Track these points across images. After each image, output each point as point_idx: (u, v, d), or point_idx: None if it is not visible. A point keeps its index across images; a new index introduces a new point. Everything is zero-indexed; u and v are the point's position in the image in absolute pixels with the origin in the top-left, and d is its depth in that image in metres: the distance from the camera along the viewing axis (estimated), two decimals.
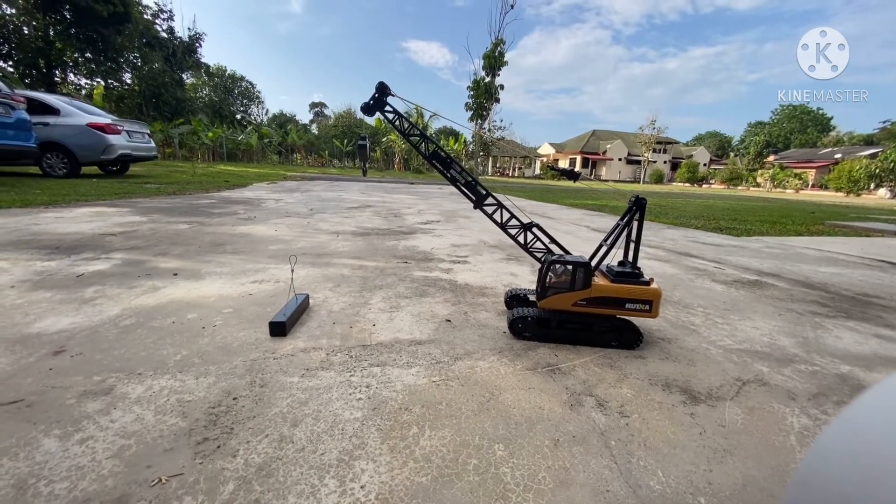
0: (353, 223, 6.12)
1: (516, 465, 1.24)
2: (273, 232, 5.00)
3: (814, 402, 1.72)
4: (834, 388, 1.84)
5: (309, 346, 1.95)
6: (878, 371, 2.03)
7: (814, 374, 1.97)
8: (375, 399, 1.54)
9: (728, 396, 1.73)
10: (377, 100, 2.34)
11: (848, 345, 2.35)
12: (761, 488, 1.21)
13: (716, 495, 1.17)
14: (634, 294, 2.04)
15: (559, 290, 2.09)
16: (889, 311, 3.01)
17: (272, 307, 2.40)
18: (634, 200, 2.09)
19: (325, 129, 50.70)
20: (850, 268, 4.53)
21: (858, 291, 3.54)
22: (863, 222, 9.46)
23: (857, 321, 2.77)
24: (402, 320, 2.35)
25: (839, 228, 8.37)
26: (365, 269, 3.45)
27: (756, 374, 1.94)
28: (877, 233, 7.96)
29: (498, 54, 21.78)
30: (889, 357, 2.21)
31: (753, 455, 1.36)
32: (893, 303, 3.24)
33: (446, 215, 7.86)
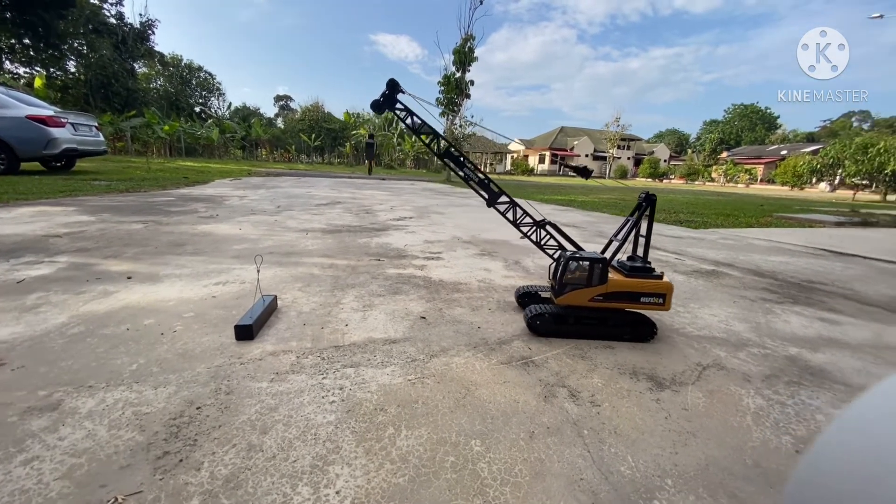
0: (322, 220, 5.96)
1: (493, 459, 1.25)
2: (237, 231, 4.78)
3: (766, 383, 1.83)
4: (784, 369, 1.98)
5: (278, 350, 1.88)
6: (822, 352, 2.19)
7: (766, 356, 2.11)
8: (349, 401, 1.51)
9: (690, 381, 1.82)
10: (388, 97, 2.29)
11: (795, 328, 2.53)
12: (722, 468, 1.28)
13: (681, 476, 1.23)
14: (648, 288, 2.10)
15: (576, 287, 2.12)
16: (831, 296, 3.27)
17: (238, 310, 2.30)
18: (644, 197, 2.15)
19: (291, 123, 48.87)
20: (795, 256, 4.88)
21: (804, 278, 3.82)
22: (806, 214, 10.23)
23: (802, 306, 2.98)
24: (375, 319, 2.31)
25: (785, 220, 9.00)
26: (336, 268, 3.37)
27: (714, 358, 2.06)
28: (819, 224, 8.62)
29: (468, 50, 21.75)
30: (832, 338, 2.40)
31: (714, 436, 1.43)
32: (834, 288, 3.53)
33: (419, 211, 7.81)
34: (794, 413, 1.60)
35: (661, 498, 1.14)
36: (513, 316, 2.49)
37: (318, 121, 45.01)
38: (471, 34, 21.74)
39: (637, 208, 2.19)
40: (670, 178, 47.97)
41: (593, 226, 6.89)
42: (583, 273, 2.11)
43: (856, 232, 7.63)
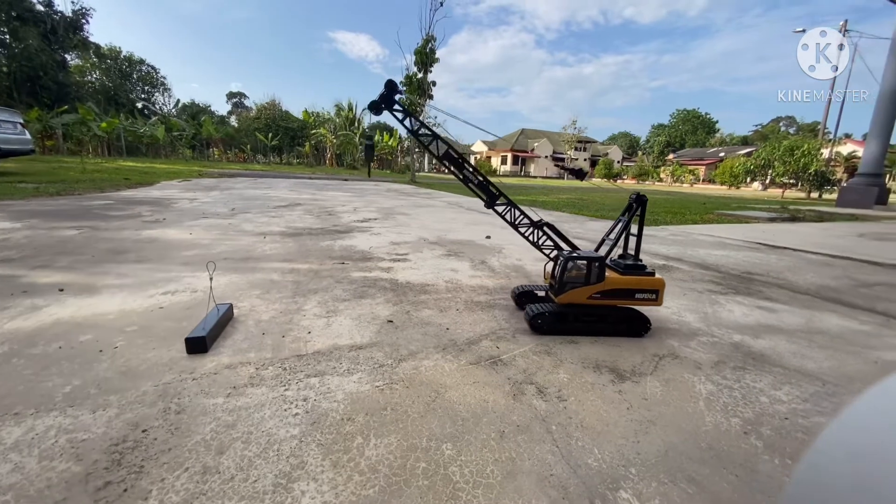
0: (281, 223, 5.72)
1: (465, 462, 1.24)
2: (187, 235, 4.48)
3: (716, 369, 1.96)
4: (730, 355, 2.13)
5: (235, 362, 1.77)
6: (762, 338, 2.38)
7: (714, 344, 2.26)
8: (314, 412, 1.44)
9: (648, 372, 1.91)
10: (385, 98, 2.27)
11: (738, 317, 2.73)
12: (680, 452, 1.35)
13: (644, 464, 1.28)
14: (643, 285, 2.19)
15: (575, 285, 2.17)
16: (767, 286, 3.57)
17: (189, 321, 2.14)
18: (635, 198, 2.23)
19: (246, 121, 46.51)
20: (736, 250, 5.29)
21: (743, 270, 4.14)
22: (743, 211, 11.14)
23: (743, 296, 3.23)
24: (340, 325, 2.24)
25: (725, 217, 9.75)
26: (297, 273, 3.23)
27: (669, 348, 2.17)
28: (754, 220, 9.41)
29: (429, 51, 21.77)
30: (770, 325, 2.61)
31: (672, 423, 1.51)
32: (770, 279, 3.85)
33: (384, 212, 7.70)
34: (740, 396, 1.72)
35: (626, 487, 1.18)
36: (480, 315, 2.51)
37: (275, 119, 43.23)
38: (432, 35, 21.78)
39: (628, 209, 2.29)
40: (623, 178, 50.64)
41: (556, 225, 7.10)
42: (581, 272, 2.18)
43: (786, 227, 8.40)
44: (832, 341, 2.38)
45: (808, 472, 0.31)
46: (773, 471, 1.28)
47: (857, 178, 15.70)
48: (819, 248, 5.54)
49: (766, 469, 1.29)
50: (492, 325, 2.37)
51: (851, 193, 15.24)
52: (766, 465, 1.30)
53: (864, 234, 7.41)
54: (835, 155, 28.43)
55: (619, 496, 1.14)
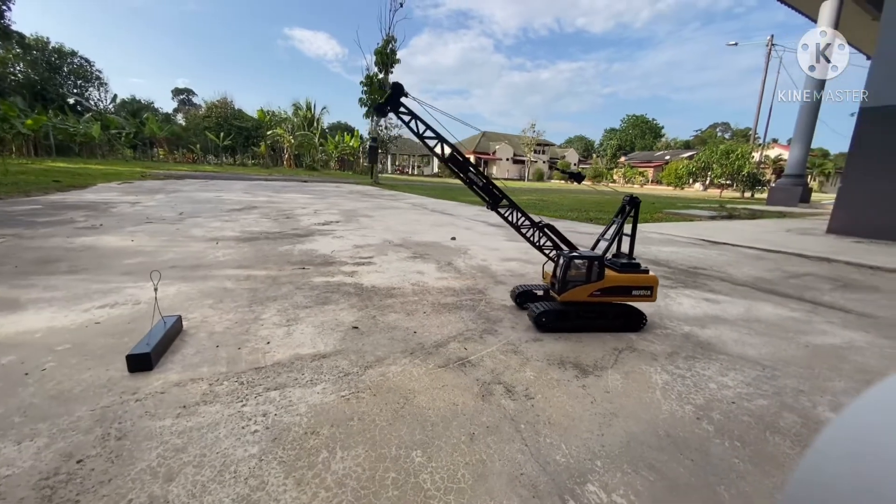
0: (236, 227, 5.42)
1: (435, 468, 1.22)
2: (129, 242, 4.13)
3: (669, 360, 2.08)
4: (682, 346, 2.26)
5: (185, 378, 1.64)
6: (709, 328, 2.55)
7: (667, 336, 2.39)
8: (275, 428, 1.36)
9: (609, 365, 1.98)
10: (391, 100, 2.28)
11: (687, 309, 2.92)
12: (641, 442, 1.41)
13: (608, 456, 1.33)
14: (639, 282, 2.30)
15: (577, 284, 2.25)
16: (711, 279, 3.84)
17: (131, 336, 1.97)
18: (629, 200, 2.33)
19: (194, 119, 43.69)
20: (683, 246, 5.67)
21: (690, 265, 4.44)
22: (687, 210, 11.97)
23: (691, 289, 3.46)
24: (302, 333, 2.15)
25: (672, 215, 10.43)
26: (254, 280, 3.07)
27: (627, 342, 2.28)
28: (697, 217, 10.13)
29: (390, 51, 21.56)
30: (715, 315, 2.81)
31: (632, 413, 1.58)
32: (713, 272, 4.15)
33: (346, 215, 7.51)
34: (692, 384, 1.83)
35: (592, 480, 1.22)
36: (448, 317, 2.50)
37: (227, 118, 40.93)
38: (392, 36, 21.59)
39: (621, 210, 2.40)
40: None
41: None
42: (581, 271, 2.26)
43: (724, 224, 9.12)
44: (768, 328, 2.60)
45: (808, 472, 0.31)
46: (724, 453, 1.37)
47: (784, 178, 17.38)
48: (753, 243, 6.05)
49: (718, 452, 1.37)
50: (459, 326, 2.37)
51: (779, 193, 16.84)
52: (717, 448, 1.39)
53: (791, 229, 8.20)
54: (764, 158, 31.33)
55: (587, 489, 1.17)
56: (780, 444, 1.43)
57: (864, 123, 7.07)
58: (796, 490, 0.31)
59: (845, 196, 7.45)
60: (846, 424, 0.31)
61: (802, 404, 1.70)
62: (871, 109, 6.97)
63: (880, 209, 6.87)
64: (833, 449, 0.30)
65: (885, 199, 6.84)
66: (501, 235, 5.96)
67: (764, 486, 1.22)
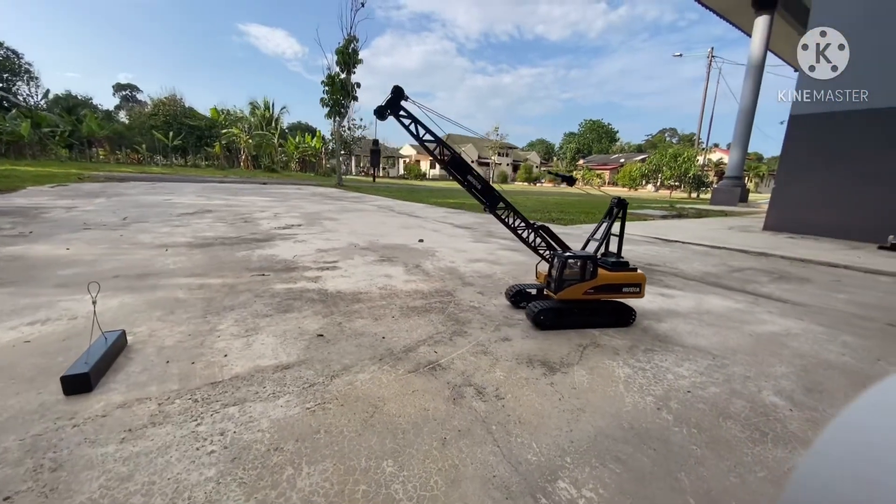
0: (188, 233, 5.09)
1: (407, 477, 1.19)
2: (63, 251, 3.76)
3: (630, 353, 2.17)
4: (641, 339, 2.37)
5: (130, 399, 1.51)
6: (665, 322, 2.69)
7: (627, 331, 2.49)
8: (234, 446, 1.28)
9: (575, 361, 2.04)
10: (392, 103, 2.28)
11: (644, 304, 3.06)
12: (607, 435, 1.45)
13: (577, 451, 1.36)
14: (629, 279, 2.42)
15: (573, 282, 2.33)
16: (665, 275, 4.07)
17: (66, 355, 1.78)
18: (616, 202, 2.44)
19: (139, 117, 40.63)
20: (638, 244, 5.97)
21: (646, 262, 4.67)
22: (642, 210, 12.64)
23: (648, 285, 3.63)
24: (262, 344, 2.04)
25: (628, 215, 10.99)
26: (209, 289, 2.89)
27: (591, 338, 2.35)
28: (651, 217, 10.73)
29: (352, 51, 21.16)
30: (670, 309, 2.97)
31: (598, 408, 1.63)
32: (666, 268, 4.40)
33: (309, 218, 7.27)
34: (652, 376, 1.92)
35: (563, 476, 1.24)
36: (417, 321, 2.47)
37: (176, 116, 38.44)
38: (354, 36, 21.22)
39: (609, 212, 2.51)
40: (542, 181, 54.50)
41: (483, 226, 7.34)
42: (576, 270, 2.35)
43: (675, 223, 9.71)
44: (717, 319, 2.78)
45: (808, 472, 0.31)
46: (683, 440, 1.44)
47: (725, 180, 18.80)
48: (701, 240, 6.49)
49: (677, 440, 1.44)
50: (429, 329, 2.35)
51: (721, 193, 18.19)
52: (676, 436, 1.46)
53: (732, 227, 8.86)
54: (707, 161, 33.78)
55: (558, 486, 1.19)
56: (731, 428, 1.52)
57: (793, 130, 7.79)
58: (796, 490, 0.31)
59: (778, 196, 8.17)
60: (846, 424, 0.31)
61: (749, 390, 1.83)
62: (798, 117, 7.69)
63: (808, 207, 7.60)
64: (833, 449, 0.30)
65: (812, 198, 7.57)
66: (469, 237, 6.00)
67: (720, 469, 1.30)
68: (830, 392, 1.84)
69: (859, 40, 6.83)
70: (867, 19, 6.78)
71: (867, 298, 3.47)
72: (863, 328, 2.72)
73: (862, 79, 6.83)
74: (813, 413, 1.66)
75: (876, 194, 6.77)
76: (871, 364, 2.17)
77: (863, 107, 6.87)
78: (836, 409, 1.69)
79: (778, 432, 1.51)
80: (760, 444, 1.43)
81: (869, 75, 6.76)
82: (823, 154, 7.42)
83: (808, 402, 1.74)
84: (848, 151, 7.14)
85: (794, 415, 1.64)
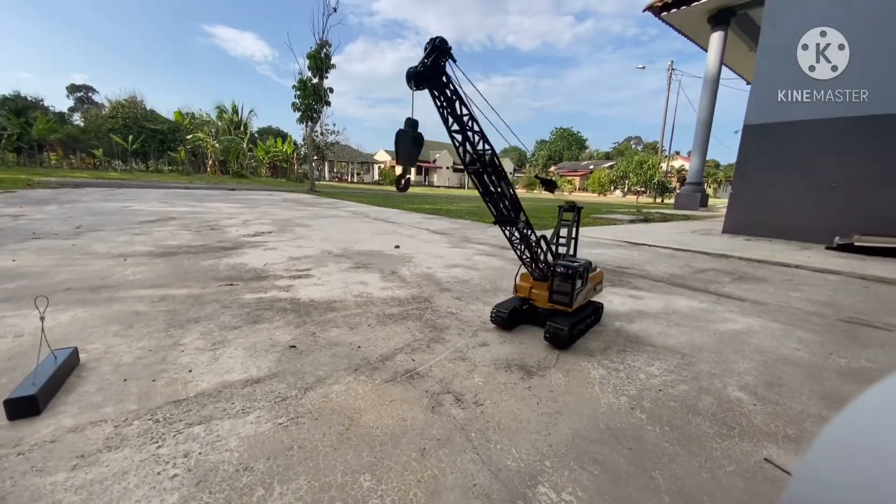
0: (148, 241, 4.83)
1: (385, 491, 1.16)
2: (9, 263, 3.47)
3: (604, 355, 2.21)
4: (614, 341, 2.43)
5: (83, 422, 1.39)
6: (635, 323, 2.78)
7: (600, 333, 2.55)
8: (200, 469, 1.20)
9: (552, 365, 2.06)
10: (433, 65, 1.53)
11: (616, 306, 3.15)
12: (584, 437, 1.47)
13: (556, 455, 1.36)
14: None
15: (580, 290, 2.37)
16: (634, 277, 4.21)
17: (11, 376, 1.63)
18: (571, 206, 2.59)
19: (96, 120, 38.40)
20: (609, 248, 6.16)
21: (616, 265, 4.82)
22: (611, 214, 13.08)
23: (618, 287, 3.75)
24: (230, 357, 1.95)
25: (599, 220, 11.32)
26: (171, 300, 2.74)
27: None
28: (619, 221, 11.11)
29: (324, 56, 20.90)
30: (640, 310, 3.06)
31: (575, 410, 1.65)
32: (635, 271, 4.55)
33: (280, 225, 7.06)
34: (625, 376, 1.97)
35: (542, 480, 1.24)
36: (394, 328, 2.43)
37: (136, 119, 36.60)
38: (326, 41, 20.98)
39: (561, 216, 2.67)
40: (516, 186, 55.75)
41: (459, 232, 7.37)
42: (582, 278, 2.36)
43: (642, 227, 10.10)
44: (684, 319, 2.89)
45: (809, 472, 0.31)
46: (656, 438, 1.47)
47: (686, 186, 19.77)
48: (666, 243, 6.77)
49: (651, 437, 1.48)
50: (406, 337, 2.32)
51: (683, 198, 19.12)
52: (650, 434, 1.50)
53: (695, 230, 9.31)
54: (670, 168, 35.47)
55: (538, 491, 1.19)
56: (701, 424, 1.58)
57: (747, 138, 8.30)
58: (796, 490, 0.31)
59: (735, 200, 8.66)
60: (846, 424, 0.31)
61: (716, 386, 1.90)
62: (751, 126, 8.20)
63: (763, 211, 8.10)
64: (833, 449, 0.30)
65: (765, 202, 8.07)
66: (445, 242, 6.00)
67: (691, 465, 1.34)
68: (789, 386, 1.94)
69: (799, 60, 7.39)
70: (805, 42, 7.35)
71: (818, 296, 3.72)
72: (816, 324, 2.91)
73: (803, 92, 7.39)
74: (775, 406, 1.74)
75: (822, 198, 7.30)
76: (825, 358, 2.31)
77: (804, 117, 7.43)
78: (796, 402, 1.79)
79: (744, 426, 1.58)
80: (728, 439, 1.49)
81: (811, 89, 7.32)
82: (775, 161, 7.94)
83: (770, 395, 1.84)
84: (796, 159, 7.68)
85: (757, 409, 1.72)
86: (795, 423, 1.62)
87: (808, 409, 1.74)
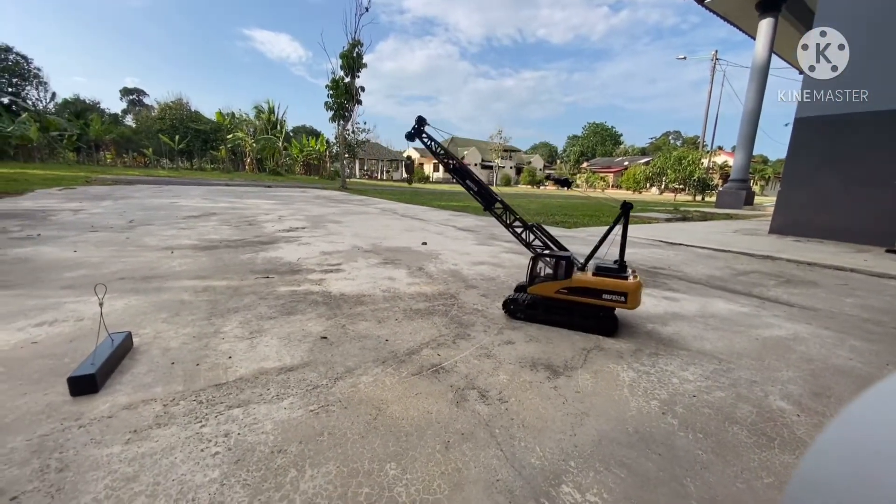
0: (193, 235, 5.13)
1: (410, 480, 1.19)
2: (71, 254, 3.80)
3: (635, 357, 2.15)
4: (646, 342, 2.35)
5: (136, 400, 1.52)
6: (669, 325, 2.68)
7: (631, 334, 2.48)
8: (238, 448, 1.28)
9: (579, 365, 2.03)
10: (417, 130, 2.84)
11: (649, 308, 3.04)
12: (611, 439, 1.44)
13: (581, 455, 1.35)
14: (610, 286, 2.35)
15: (543, 279, 2.54)
16: (670, 278, 4.04)
17: (73, 356, 1.80)
18: (622, 205, 2.50)
19: (146, 121, 41.10)
20: (643, 248, 5.94)
21: (650, 265, 4.65)
22: (646, 213, 12.59)
23: (652, 288, 3.62)
24: (267, 346, 2.05)
25: (633, 218, 10.93)
26: (213, 291, 2.91)
27: (595, 341, 2.34)
28: (655, 220, 10.68)
29: (356, 55, 21.31)
30: (674, 313, 2.95)
31: (602, 412, 1.62)
32: (671, 272, 4.37)
33: (313, 221, 7.30)
34: (656, 380, 1.91)
35: (566, 480, 1.23)
36: (420, 323, 2.47)
37: (182, 120, 38.84)
38: (358, 40, 21.37)
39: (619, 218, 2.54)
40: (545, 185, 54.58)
41: (485, 229, 7.34)
42: (548, 268, 2.58)
43: (679, 225, 9.66)
44: (722, 323, 2.76)
45: (809, 472, 0.31)
46: (688, 445, 1.42)
47: (730, 183, 18.69)
48: (705, 243, 6.44)
49: (683, 444, 1.43)
50: (432, 332, 2.35)
51: (726, 196, 18.09)
52: (681, 441, 1.45)
53: (738, 230, 8.80)
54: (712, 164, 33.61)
55: (562, 491, 1.18)
56: (738, 433, 1.51)
57: (799, 132, 7.74)
58: (796, 490, 0.31)
59: (784, 199, 8.11)
60: (846, 424, 0.31)
61: (756, 394, 1.81)
62: (804, 119, 7.64)
63: (815, 210, 7.53)
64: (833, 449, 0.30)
65: (818, 200, 7.50)
66: (472, 239, 6.00)
67: (726, 475, 1.28)
68: (839, 397, 1.82)
69: (863, 40, 6.78)
70: (871, 19, 6.74)
71: (875, 302, 3.43)
72: (871, 332, 2.69)
73: (863, 79, 6.78)
74: (821, 418, 1.64)
75: (882, 197, 6.70)
76: (880, 368, 2.14)
77: (864, 109, 6.81)
78: None
79: (785, 437, 1.49)
80: (767, 450, 1.42)
81: (871, 76, 6.71)
82: (829, 156, 7.36)
83: (817, 406, 1.72)
84: (853, 154, 7.08)
85: (801, 420, 1.62)
86: None
87: None
